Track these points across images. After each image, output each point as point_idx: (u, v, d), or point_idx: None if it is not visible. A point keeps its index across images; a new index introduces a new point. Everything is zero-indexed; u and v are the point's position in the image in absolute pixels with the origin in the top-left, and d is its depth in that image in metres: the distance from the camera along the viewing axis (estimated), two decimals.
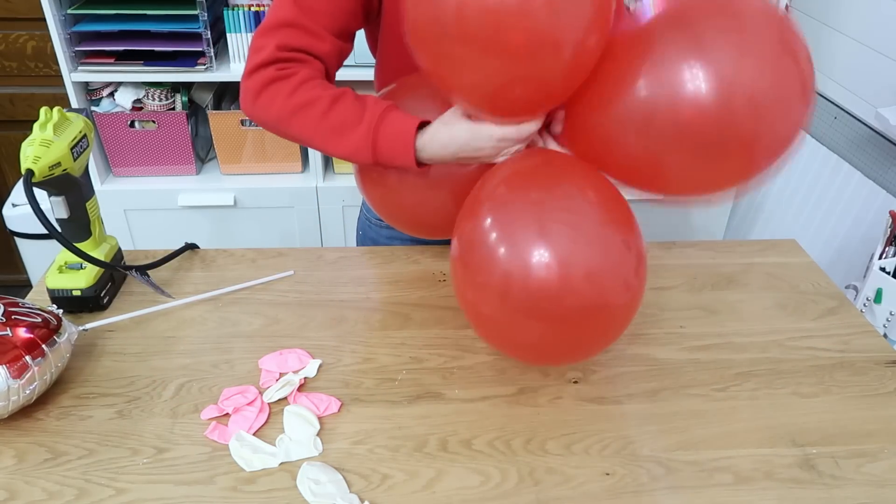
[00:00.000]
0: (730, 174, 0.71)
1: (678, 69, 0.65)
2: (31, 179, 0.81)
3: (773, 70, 0.64)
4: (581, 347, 0.78)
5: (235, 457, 0.74)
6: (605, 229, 0.72)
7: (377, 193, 0.94)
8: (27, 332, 0.75)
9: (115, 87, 1.82)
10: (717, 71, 0.64)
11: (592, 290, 0.71)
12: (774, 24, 0.66)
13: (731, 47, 0.64)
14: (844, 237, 1.70)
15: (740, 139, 0.66)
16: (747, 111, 0.64)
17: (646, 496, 0.72)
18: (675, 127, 0.66)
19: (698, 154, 0.68)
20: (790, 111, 0.66)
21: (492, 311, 0.74)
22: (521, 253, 0.70)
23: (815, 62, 0.67)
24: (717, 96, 0.64)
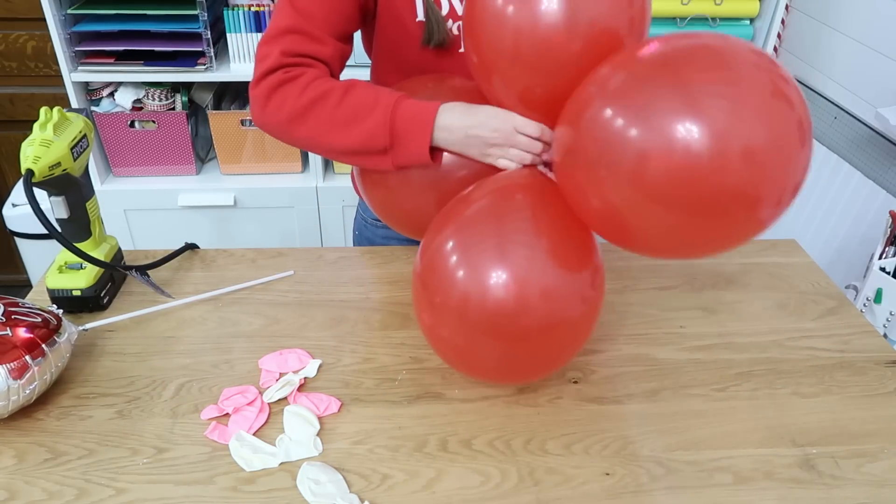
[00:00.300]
0: (735, 230, 0.67)
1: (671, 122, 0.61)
2: (31, 179, 0.81)
3: (768, 119, 0.61)
4: (542, 363, 0.78)
5: (235, 457, 0.74)
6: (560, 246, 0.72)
7: (378, 195, 0.94)
8: (27, 332, 0.75)
9: (115, 87, 1.82)
10: (711, 124, 0.60)
11: (548, 307, 0.71)
12: (765, 73, 0.63)
13: (725, 100, 0.61)
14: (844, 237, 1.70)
15: (740, 193, 0.62)
16: (745, 163, 0.61)
17: (646, 496, 0.72)
18: (668, 177, 0.62)
19: (695, 212, 0.64)
20: (790, 158, 0.63)
21: (451, 331, 0.75)
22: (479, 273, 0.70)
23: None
24: (712, 149, 0.60)
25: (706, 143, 0.60)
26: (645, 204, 0.65)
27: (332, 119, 0.83)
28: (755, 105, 0.61)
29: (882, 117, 1.47)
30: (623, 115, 0.64)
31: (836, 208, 1.73)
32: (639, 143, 0.63)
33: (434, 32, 0.89)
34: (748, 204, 0.63)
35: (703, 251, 0.72)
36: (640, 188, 0.64)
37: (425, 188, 0.87)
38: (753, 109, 0.61)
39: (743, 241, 0.69)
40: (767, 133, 0.61)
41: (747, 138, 0.60)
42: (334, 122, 0.83)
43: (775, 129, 0.62)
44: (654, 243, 0.71)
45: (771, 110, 0.62)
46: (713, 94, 0.61)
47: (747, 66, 0.63)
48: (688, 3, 1.71)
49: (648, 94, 0.63)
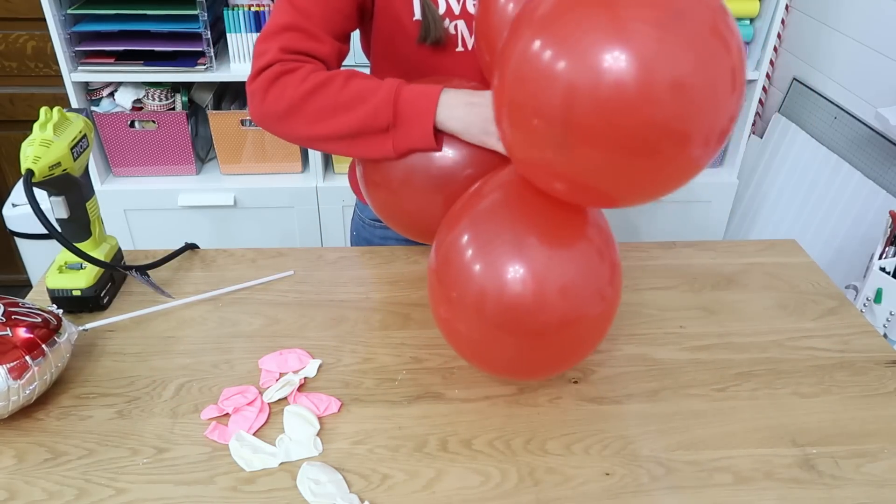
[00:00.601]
0: (667, 169, 0.65)
1: (598, 48, 0.59)
2: (31, 179, 0.81)
3: (699, 55, 0.60)
4: (558, 360, 0.78)
5: (235, 457, 0.74)
6: (579, 242, 0.72)
7: (381, 197, 0.94)
8: (27, 332, 0.75)
9: (115, 87, 1.82)
10: (639, 52, 0.58)
11: (567, 304, 0.71)
12: (707, 12, 0.61)
13: (655, 29, 0.59)
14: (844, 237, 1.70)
15: (670, 129, 0.61)
16: (672, 96, 0.59)
17: (646, 496, 0.72)
18: (598, 113, 0.60)
19: (627, 151, 0.62)
20: (719, 100, 0.61)
21: (467, 326, 0.75)
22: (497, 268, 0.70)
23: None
24: (640, 79, 0.58)
25: (635, 74, 0.58)
26: (580, 149, 0.63)
27: (335, 102, 0.83)
28: (690, 38, 0.60)
29: (882, 117, 1.47)
30: (550, 46, 0.62)
31: (836, 208, 1.73)
32: (567, 77, 0.60)
33: (430, 30, 0.89)
34: (677, 140, 0.62)
35: (640, 194, 0.70)
36: (572, 130, 0.62)
37: (428, 189, 0.87)
38: (688, 42, 0.59)
39: (681, 182, 0.68)
40: (699, 69, 0.60)
41: (676, 71, 0.59)
42: (337, 104, 0.83)
43: (708, 67, 0.60)
44: (591, 188, 0.69)
45: (706, 47, 0.60)
46: (645, 22, 0.59)
47: (690, 1, 0.61)
48: None
49: (576, 22, 0.61)
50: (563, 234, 0.72)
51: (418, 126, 0.82)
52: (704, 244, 1.14)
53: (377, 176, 0.91)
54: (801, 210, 1.85)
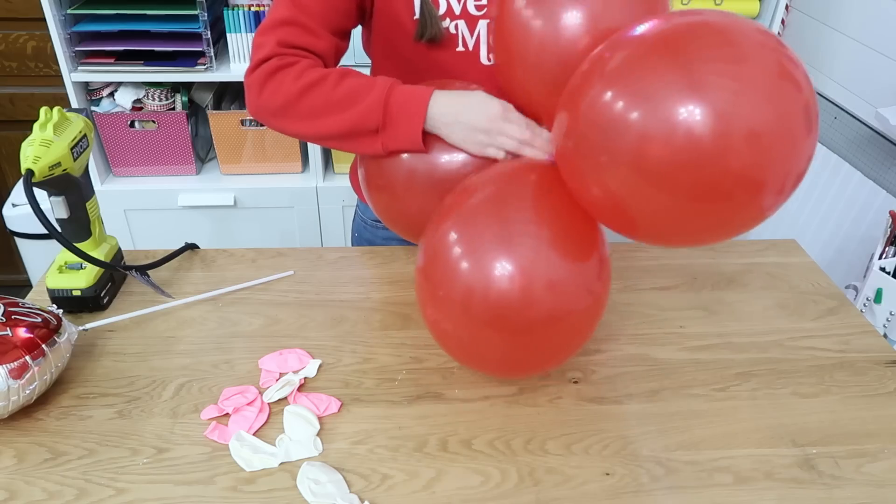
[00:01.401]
0: (736, 217, 0.65)
1: (672, 103, 0.59)
2: (31, 179, 0.81)
3: (774, 101, 0.59)
4: (549, 355, 0.78)
5: (235, 457, 0.74)
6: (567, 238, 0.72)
7: (383, 200, 0.94)
8: (27, 332, 0.75)
9: (115, 87, 1.82)
10: (714, 105, 0.58)
11: (554, 299, 0.70)
12: (772, 52, 0.60)
13: (729, 79, 0.58)
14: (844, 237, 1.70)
15: (743, 177, 0.60)
16: (748, 146, 0.58)
17: (646, 496, 0.72)
18: (671, 163, 0.60)
19: (698, 197, 0.62)
20: (795, 144, 0.60)
21: (454, 324, 0.75)
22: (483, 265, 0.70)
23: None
24: (715, 131, 0.58)
25: (709, 126, 0.58)
26: (646, 189, 0.63)
27: (328, 101, 0.84)
28: (761, 86, 0.58)
29: (882, 117, 1.47)
30: (622, 97, 0.62)
31: (836, 208, 1.73)
32: (639, 126, 0.60)
33: (427, 27, 0.90)
34: (751, 189, 0.61)
35: (705, 238, 0.70)
36: (642, 173, 0.62)
37: (431, 192, 0.87)
38: (759, 90, 0.58)
39: (744, 229, 0.67)
40: (773, 116, 0.58)
41: (752, 121, 0.58)
42: (330, 103, 0.84)
43: (781, 111, 0.59)
44: (656, 230, 0.69)
45: (777, 92, 0.59)
46: (716, 74, 0.59)
47: (753, 45, 0.60)
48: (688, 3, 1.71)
49: (649, 74, 0.61)
50: (548, 228, 0.72)
51: (407, 131, 0.83)
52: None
53: (380, 179, 0.91)
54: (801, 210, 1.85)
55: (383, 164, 0.89)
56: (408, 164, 0.87)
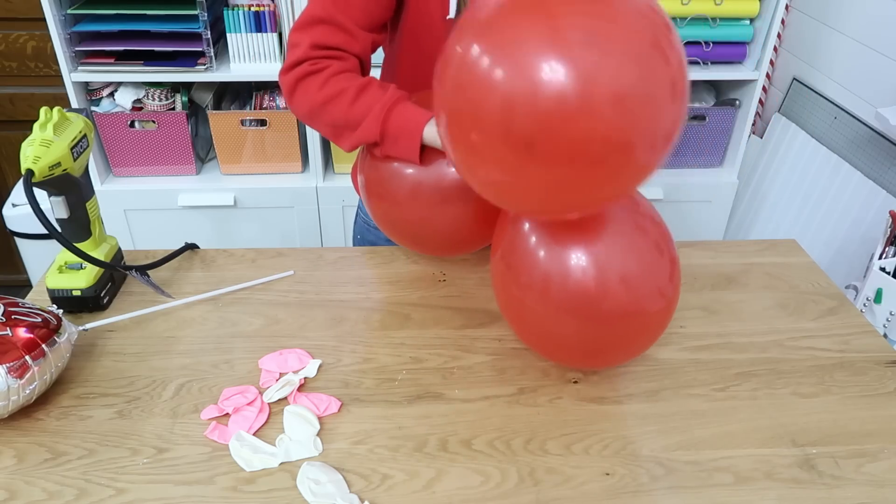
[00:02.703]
0: (618, 177, 0.65)
1: (537, 60, 0.58)
2: (31, 179, 0.81)
3: (639, 67, 0.59)
4: (617, 351, 0.80)
5: (235, 457, 0.74)
6: (638, 233, 0.74)
7: (382, 208, 0.94)
8: (27, 332, 0.75)
9: (115, 87, 1.82)
10: (579, 66, 0.57)
11: (628, 295, 0.73)
12: (647, 25, 0.61)
13: (596, 42, 0.58)
14: (844, 237, 1.70)
15: (611, 140, 0.60)
16: (613, 108, 0.58)
17: (646, 496, 0.72)
18: (537, 121, 0.59)
19: (569, 161, 0.61)
20: (660, 109, 0.61)
21: (532, 308, 0.77)
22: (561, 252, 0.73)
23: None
24: (580, 92, 0.57)
25: (574, 87, 0.57)
26: (519, 161, 0.62)
27: (345, 116, 0.86)
28: (628, 51, 0.59)
29: (882, 117, 1.47)
30: (489, 53, 0.61)
31: (836, 208, 1.73)
32: (505, 86, 0.59)
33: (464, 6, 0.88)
34: (622, 149, 0.61)
35: (593, 201, 0.69)
36: (510, 142, 0.61)
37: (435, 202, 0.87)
38: (625, 55, 0.59)
39: (631, 186, 0.68)
40: (637, 78, 0.59)
41: (617, 83, 0.58)
42: (346, 118, 0.86)
43: (646, 79, 0.59)
44: (539, 200, 0.68)
45: (644, 60, 0.59)
46: (583, 31, 0.58)
47: (629, 10, 0.60)
48: (688, 3, 1.71)
49: (513, 29, 0.60)
50: (624, 225, 0.74)
51: (404, 149, 0.85)
52: (704, 244, 1.14)
53: (379, 188, 0.90)
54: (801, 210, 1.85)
55: (383, 174, 0.89)
56: (409, 175, 0.87)
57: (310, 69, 0.86)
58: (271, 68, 1.75)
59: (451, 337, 0.92)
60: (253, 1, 1.71)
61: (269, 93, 1.86)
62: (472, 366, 0.88)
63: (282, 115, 1.81)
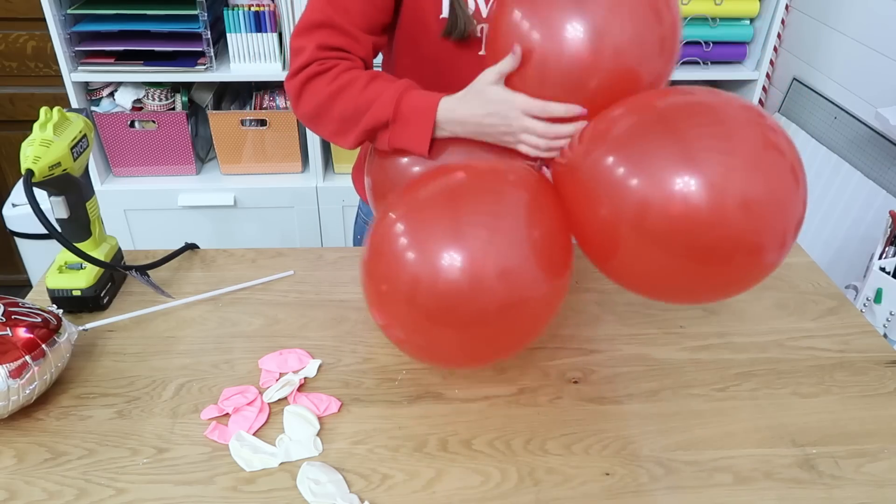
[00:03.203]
0: (741, 276, 0.69)
1: (669, 175, 0.64)
2: (31, 179, 0.81)
3: (763, 169, 0.64)
4: (501, 346, 0.76)
5: (235, 457, 0.74)
6: (520, 223, 0.71)
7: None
8: (27, 332, 0.75)
9: (115, 87, 1.82)
10: (708, 177, 0.63)
11: (505, 287, 0.69)
12: (756, 126, 0.66)
13: (720, 153, 0.64)
14: (844, 237, 1.70)
15: (740, 242, 0.64)
16: (743, 213, 0.63)
17: (646, 496, 0.72)
18: (668, 226, 0.64)
19: (697, 258, 0.66)
20: (788, 203, 0.65)
21: (402, 316, 0.73)
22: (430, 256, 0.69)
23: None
24: (711, 201, 0.63)
25: (704, 195, 0.63)
26: (646, 246, 0.67)
27: (356, 104, 0.85)
28: (749, 157, 0.64)
29: (882, 117, 1.47)
30: (624, 164, 0.67)
31: (836, 208, 1.73)
32: (639, 192, 0.65)
33: (457, 24, 0.89)
34: (750, 251, 0.65)
35: (710, 296, 0.74)
36: (642, 233, 0.66)
37: None
38: (748, 161, 0.64)
39: (753, 284, 0.71)
40: (763, 183, 0.63)
41: (744, 189, 0.63)
42: (359, 103, 0.85)
43: (770, 178, 0.64)
44: (655, 284, 0.72)
45: (764, 161, 0.64)
46: (709, 149, 0.64)
47: (739, 122, 0.66)
48: (688, 2, 1.71)
49: (647, 146, 0.66)
50: (504, 216, 0.71)
51: (414, 132, 0.83)
52: None
53: (385, 188, 0.90)
54: None
55: (391, 174, 0.89)
56: (417, 173, 0.86)
57: (318, 69, 0.86)
58: (271, 68, 1.75)
59: None
60: (253, 1, 1.71)
61: (269, 93, 1.86)
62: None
63: (282, 115, 1.81)
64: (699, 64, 1.81)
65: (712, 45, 1.78)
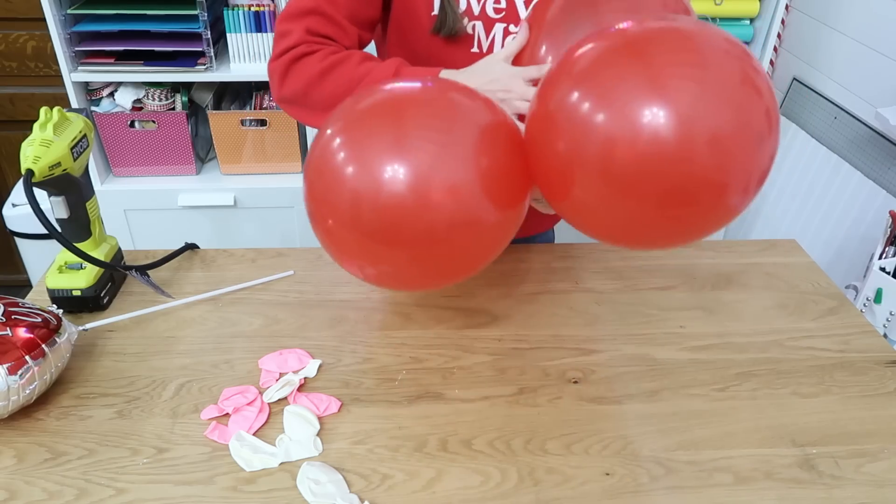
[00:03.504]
0: (704, 218, 0.65)
1: (636, 106, 0.60)
2: (31, 179, 0.81)
3: (736, 106, 0.60)
4: (453, 267, 0.73)
5: (235, 457, 0.74)
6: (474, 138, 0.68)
7: None
8: (27, 332, 0.75)
9: (115, 87, 1.82)
10: (677, 109, 0.59)
11: (454, 203, 0.66)
12: (735, 60, 0.62)
13: (692, 84, 0.60)
14: (844, 237, 1.70)
15: (708, 179, 0.61)
16: (711, 149, 0.59)
17: (646, 496, 0.72)
18: (638, 168, 0.60)
19: (666, 201, 0.62)
20: (758, 146, 0.61)
21: (343, 234, 0.69)
22: (372, 170, 0.64)
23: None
24: (679, 135, 0.59)
25: (673, 129, 0.59)
26: (613, 195, 0.63)
27: (350, 77, 0.85)
28: (723, 91, 0.60)
29: (882, 117, 1.47)
30: (587, 97, 0.63)
31: (836, 208, 1.73)
32: (605, 128, 0.61)
33: (446, 22, 0.90)
34: (716, 191, 0.62)
35: (671, 241, 0.70)
36: (609, 179, 0.63)
37: None
38: (721, 95, 0.60)
39: (714, 229, 0.67)
40: (735, 120, 0.60)
41: (714, 125, 0.59)
42: (352, 79, 0.85)
43: (743, 116, 0.60)
44: (619, 232, 0.69)
45: (739, 97, 0.60)
46: (680, 77, 0.60)
47: (717, 52, 0.62)
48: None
49: (614, 76, 0.62)
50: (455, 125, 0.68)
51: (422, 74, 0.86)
52: (704, 244, 1.14)
53: None
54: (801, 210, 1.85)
55: None
56: None
57: (307, 50, 0.86)
58: None
59: (451, 337, 0.92)
60: (253, 1, 1.71)
61: (269, 93, 1.86)
62: (472, 366, 0.88)
63: (282, 115, 1.81)
64: None
65: None
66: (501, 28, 0.92)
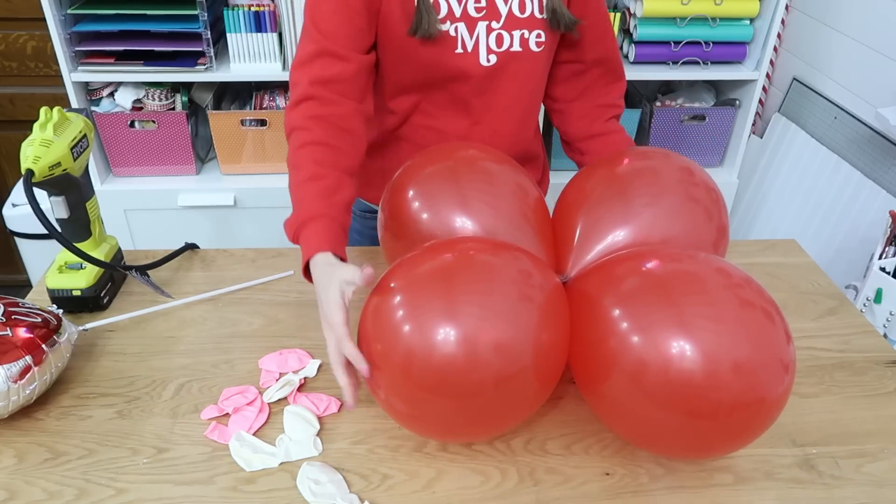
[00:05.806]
0: (719, 440, 0.69)
1: (666, 341, 0.65)
2: (31, 179, 0.81)
3: (753, 338, 0.66)
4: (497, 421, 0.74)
5: (235, 457, 0.74)
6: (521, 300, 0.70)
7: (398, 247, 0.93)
8: (27, 332, 0.75)
9: (115, 87, 1.82)
10: (703, 346, 0.64)
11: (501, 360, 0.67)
12: (730, 285, 0.69)
13: (713, 322, 0.65)
14: (844, 237, 1.70)
15: (727, 404, 0.64)
16: (733, 377, 0.64)
17: (646, 496, 0.72)
18: (666, 387, 0.65)
19: (689, 419, 0.66)
20: (773, 378, 0.66)
21: (397, 389, 0.70)
22: (426, 330, 0.67)
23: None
24: (704, 367, 0.63)
25: (699, 361, 0.63)
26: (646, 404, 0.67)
27: (292, 188, 0.88)
28: (733, 321, 0.66)
29: (882, 117, 1.47)
30: (626, 322, 0.68)
31: (836, 208, 1.73)
32: (638, 351, 0.66)
33: (421, 23, 0.90)
34: (749, 407, 0.65)
35: (717, 450, 0.72)
36: (640, 388, 0.66)
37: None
38: (733, 326, 0.65)
39: (755, 436, 0.69)
40: (750, 346, 0.65)
41: (733, 354, 0.64)
42: (291, 191, 0.88)
43: (752, 336, 0.65)
44: (662, 442, 0.71)
45: (745, 321, 0.66)
46: (700, 316, 0.65)
47: (718, 286, 0.69)
48: (688, 3, 1.71)
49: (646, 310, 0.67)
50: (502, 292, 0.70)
51: (301, 257, 0.84)
52: None
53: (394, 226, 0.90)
54: (801, 210, 1.85)
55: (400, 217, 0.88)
56: (424, 226, 0.85)
57: (302, 124, 0.87)
58: (271, 68, 1.75)
59: None
60: (253, 1, 1.71)
61: (269, 93, 1.86)
62: None
63: (282, 116, 1.81)
64: (699, 64, 1.81)
65: (712, 45, 1.78)
66: (484, 25, 0.93)
